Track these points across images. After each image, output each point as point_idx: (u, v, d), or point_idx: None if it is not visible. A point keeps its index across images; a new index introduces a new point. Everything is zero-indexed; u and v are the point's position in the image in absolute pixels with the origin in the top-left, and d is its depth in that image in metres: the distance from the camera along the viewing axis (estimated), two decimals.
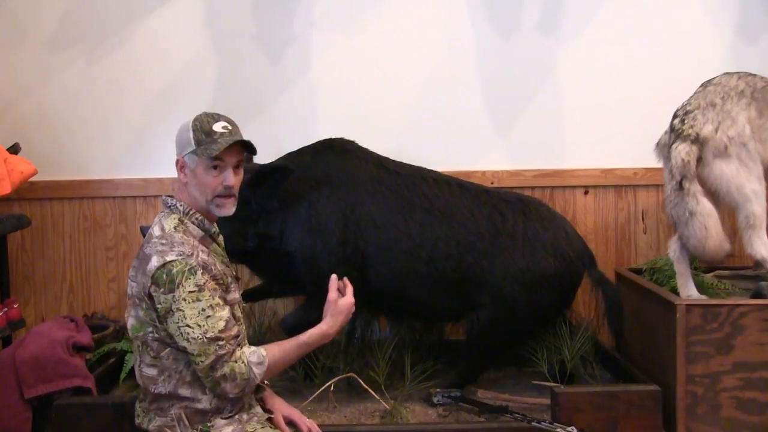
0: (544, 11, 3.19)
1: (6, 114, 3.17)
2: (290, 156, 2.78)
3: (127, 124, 3.19)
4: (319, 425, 2.28)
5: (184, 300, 1.91)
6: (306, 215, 2.64)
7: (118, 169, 3.19)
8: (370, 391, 2.54)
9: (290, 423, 2.16)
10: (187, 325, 1.91)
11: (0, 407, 2.45)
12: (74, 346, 2.58)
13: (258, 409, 2.12)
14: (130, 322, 2.02)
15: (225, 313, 1.96)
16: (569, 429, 2.25)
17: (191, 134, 2.00)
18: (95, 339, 2.79)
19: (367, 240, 2.61)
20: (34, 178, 2.97)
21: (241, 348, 1.99)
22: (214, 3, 3.16)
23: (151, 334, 1.99)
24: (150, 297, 1.95)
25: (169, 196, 2.09)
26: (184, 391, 2.00)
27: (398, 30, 3.18)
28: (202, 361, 1.92)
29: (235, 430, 2.01)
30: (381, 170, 2.72)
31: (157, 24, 3.16)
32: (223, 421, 2.01)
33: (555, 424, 2.29)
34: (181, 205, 2.04)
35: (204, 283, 1.93)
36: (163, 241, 1.96)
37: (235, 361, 1.94)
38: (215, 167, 2.01)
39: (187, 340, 1.91)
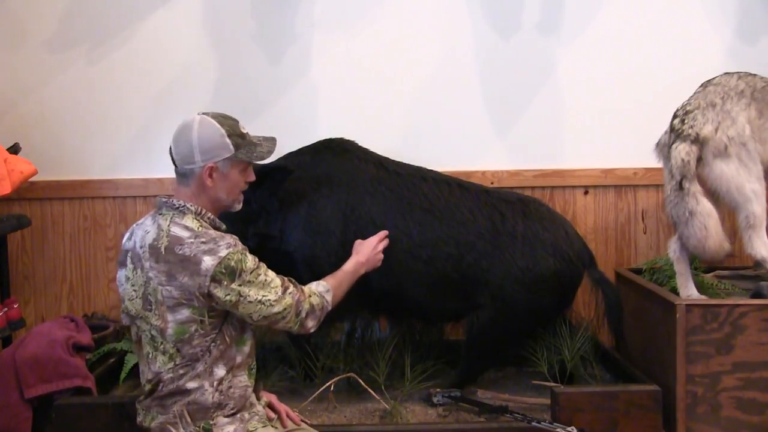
0: (544, 11, 3.19)
1: (6, 114, 3.17)
2: (290, 156, 2.78)
3: (127, 124, 3.19)
4: (319, 425, 2.30)
5: (250, 282, 1.99)
6: (306, 215, 2.64)
7: (118, 169, 3.19)
8: (370, 391, 2.54)
9: (269, 406, 2.22)
10: (264, 296, 2.00)
11: (0, 407, 2.45)
12: (74, 346, 2.58)
13: (259, 408, 2.13)
14: (172, 328, 1.99)
15: (272, 272, 2.07)
16: (569, 429, 2.25)
17: (227, 139, 2.04)
18: (95, 339, 2.79)
19: None
20: (34, 178, 2.97)
21: (305, 285, 2.16)
22: (213, 3, 3.17)
23: (196, 332, 1.99)
24: (208, 295, 1.96)
25: (169, 195, 2.09)
26: (192, 384, 2.00)
27: (398, 30, 3.18)
28: (288, 313, 2.05)
29: (236, 429, 2.02)
30: (381, 170, 2.72)
31: (157, 24, 3.16)
32: (225, 420, 2.02)
33: (555, 424, 2.29)
34: (192, 206, 2.05)
35: (255, 260, 2.03)
36: (203, 239, 1.97)
37: (310, 296, 2.12)
38: (245, 169, 2.12)
39: (270, 305, 2.01)
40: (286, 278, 2.10)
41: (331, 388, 2.55)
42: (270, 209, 2.64)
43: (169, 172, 3.08)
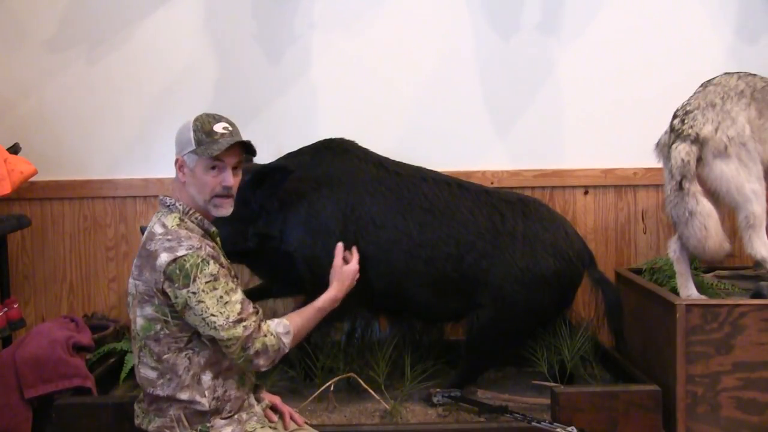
0: (544, 12, 3.19)
1: (6, 114, 3.17)
2: (290, 156, 2.78)
3: (127, 124, 3.19)
4: (318, 425, 2.30)
5: (203, 291, 1.93)
6: (306, 215, 2.64)
7: (118, 169, 3.19)
8: (370, 391, 2.54)
9: (272, 408, 2.20)
10: (211, 314, 1.94)
11: (0, 407, 2.45)
12: (74, 346, 2.58)
13: (257, 409, 2.12)
14: (139, 323, 2.01)
15: (239, 295, 2.00)
16: (569, 429, 2.25)
17: (192, 134, 2.02)
18: (95, 339, 2.79)
19: (367, 240, 2.61)
20: (34, 178, 2.97)
21: (265, 322, 2.04)
22: (213, 3, 3.16)
23: (162, 331, 1.99)
24: (163, 293, 1.95)
25: (166, 196, 2.10)
26: (182, 395, 2.00)
27: (398, 30, 3.18)
28: (233, 344, 1.96)
29: (234, 430, 2.02)
30: (381, 170, 2.72)
31: (156, 24, 3.16)
32: (223, 422, 2.02)
33: (555, 424, 2.29)
34: (180, 205, 2.06)
35: (218, 272, 1.96)
36: (169, 237, 1.97)
37: (265, 335, 2.00)
38: (214, 167, 2.03)
39: (214, 328, 1.94)
40: (251, 310, 2.01)
41: (331, 388, 2.55)
42: (270, 209, 2.64)
43: (169, 172, 3.06)
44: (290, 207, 2.65)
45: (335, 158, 2.74)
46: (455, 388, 2.60)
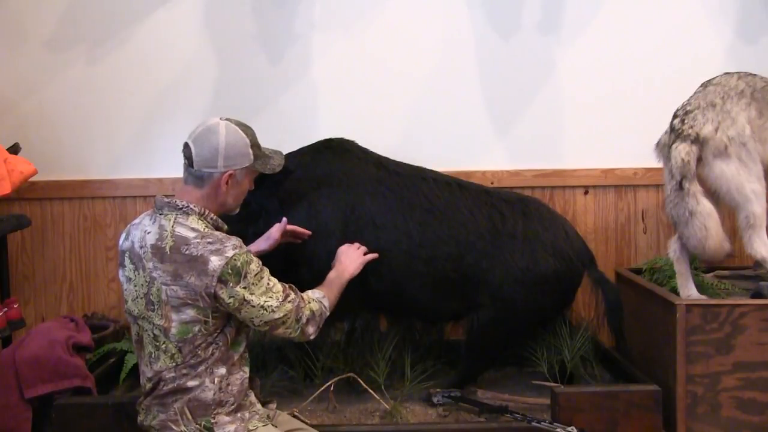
0: (544, 11, 3.19)
1: (6, 114, 3.17)
2: (290, 156, 2.78)
3: (127, 124, 3.19)
4: (319, 425, 2.29)
5: (254, 284, 1.99)
6: (306, 215, 2.64)
7: (118, 169, 3.19)
8: (370, 391, 2.54)
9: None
10: (266, 302, 2.01)
11: (0, 407, 2.45)
12: (74, 346, 2.58)
13: (258, 407, 2.13)
14: (176, 328, 1.99)
15: (274, 278, 2.08)
16: (569, 429, 2.25)
17: (249, 149, 2.10)
18: (95, 339, 2.79)
19: (367, 240, 2.61)
20: (34, 178, 2.97)
21: (304, 293, 2.17)
22: (214, 3, 3.17)
23: (199, 332, 1.99)
24: (213, 296, 1.96)
25: (173, 197, 2.08)
26: (192, 382, 2.01)
27: (399, 30, 3.18)
28: (288, 318, 2.06)
29: (237, 428, 2.02)
30: (381, 170, 2.72)
31: (157, 24, 3.16)
32: (227, 419, 2.03)
33: (555, 424, 2.29)
34: (196, 207, 2.05)
35: (259, 264, 2.04)
36: (210, 240, 1.98)
37: (308, 302, 2.14)
38: (254, 178, 2.20)
39: (272, 311, 2.02)
40: (287, 285, 2.12)
41: (331, 388, 2.55)
42: (270, 209, 2.64)
43: (168, 172, 3.12)
44: (290, 207, 2.65)
45: (335, 158, 2.74)
46: (455, 388, 2.60)
